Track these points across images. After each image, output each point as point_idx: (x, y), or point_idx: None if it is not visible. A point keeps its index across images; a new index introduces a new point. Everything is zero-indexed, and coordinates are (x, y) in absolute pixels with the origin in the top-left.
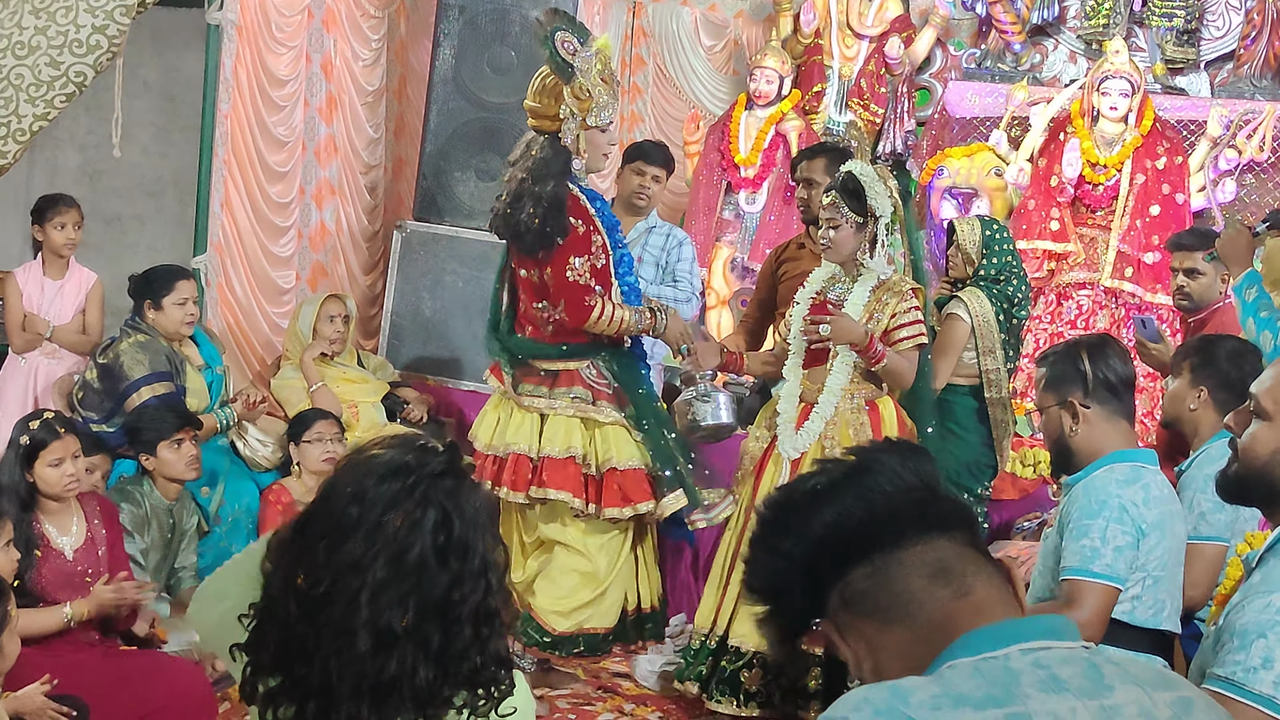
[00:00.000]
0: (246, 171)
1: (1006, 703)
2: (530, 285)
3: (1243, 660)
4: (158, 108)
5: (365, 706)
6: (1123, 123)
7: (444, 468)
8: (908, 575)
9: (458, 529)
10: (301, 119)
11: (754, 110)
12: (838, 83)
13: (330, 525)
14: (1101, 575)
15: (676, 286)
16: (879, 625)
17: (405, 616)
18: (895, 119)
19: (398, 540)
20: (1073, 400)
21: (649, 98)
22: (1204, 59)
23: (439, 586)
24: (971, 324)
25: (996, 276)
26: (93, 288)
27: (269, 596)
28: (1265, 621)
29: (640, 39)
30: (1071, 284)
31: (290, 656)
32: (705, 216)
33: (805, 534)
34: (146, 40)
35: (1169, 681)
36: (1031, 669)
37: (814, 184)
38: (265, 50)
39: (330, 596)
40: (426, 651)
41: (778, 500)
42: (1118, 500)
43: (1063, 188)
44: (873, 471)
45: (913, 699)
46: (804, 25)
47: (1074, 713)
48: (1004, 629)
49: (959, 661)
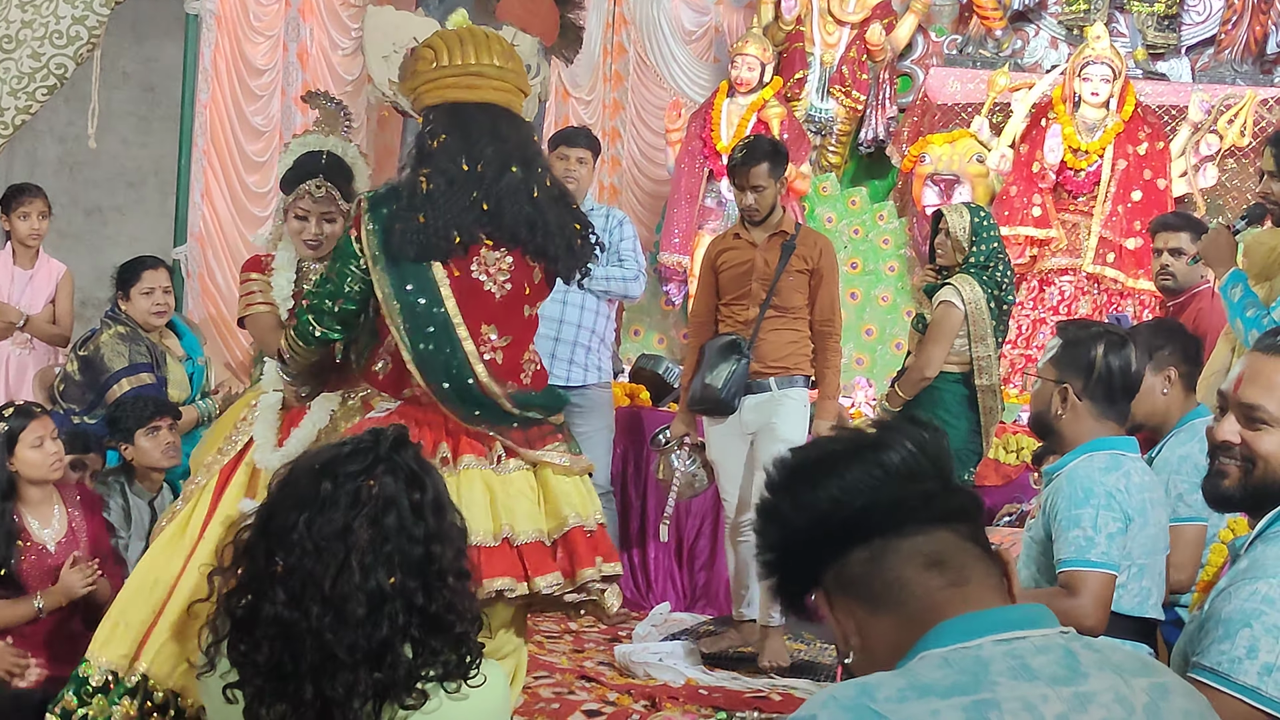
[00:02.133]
0: (225, 162)
1: (973, 690)
2: None
3: (1228, 650)
4: (137, 98)
5: (363, 672)
6: (1104, 108)
7: (401, 438)
8: (903, 564)
9: (429, 487)
10: (279, 109)
11: (736, 97)
12: (819, 69)
13: (307, 501)
14: (1099, 564)
15: (623, 266)
16: (869, 610)
17: (392, 576)
18: (877, 106)
19: (376, 503)
20: (1068, 386)
21: (629, 85)
22: (1185, 44)
23: (419, 545)
24: (965, 311)
25: (985, 263)
26: (62, 279)
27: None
28: (1251, 610)
29: (621, 26)
30: (1054, 270)
31: (282, 647)
32: (687, 204)
33: (809, 506)
34: (126, 30)
35: (1147, 668)
36: (1003, 658)
37: (761, 189)
38: (244, 39)
39: (315, 569)
40: (412, 609)
41: (790, 466)
42: (1103, 487)
43: (1044, 174)
44: (888, 449)
45: (879, 694)
46: (785, 12)
47: (1044, 700)
48: (979, 619)
49: (931, 652)
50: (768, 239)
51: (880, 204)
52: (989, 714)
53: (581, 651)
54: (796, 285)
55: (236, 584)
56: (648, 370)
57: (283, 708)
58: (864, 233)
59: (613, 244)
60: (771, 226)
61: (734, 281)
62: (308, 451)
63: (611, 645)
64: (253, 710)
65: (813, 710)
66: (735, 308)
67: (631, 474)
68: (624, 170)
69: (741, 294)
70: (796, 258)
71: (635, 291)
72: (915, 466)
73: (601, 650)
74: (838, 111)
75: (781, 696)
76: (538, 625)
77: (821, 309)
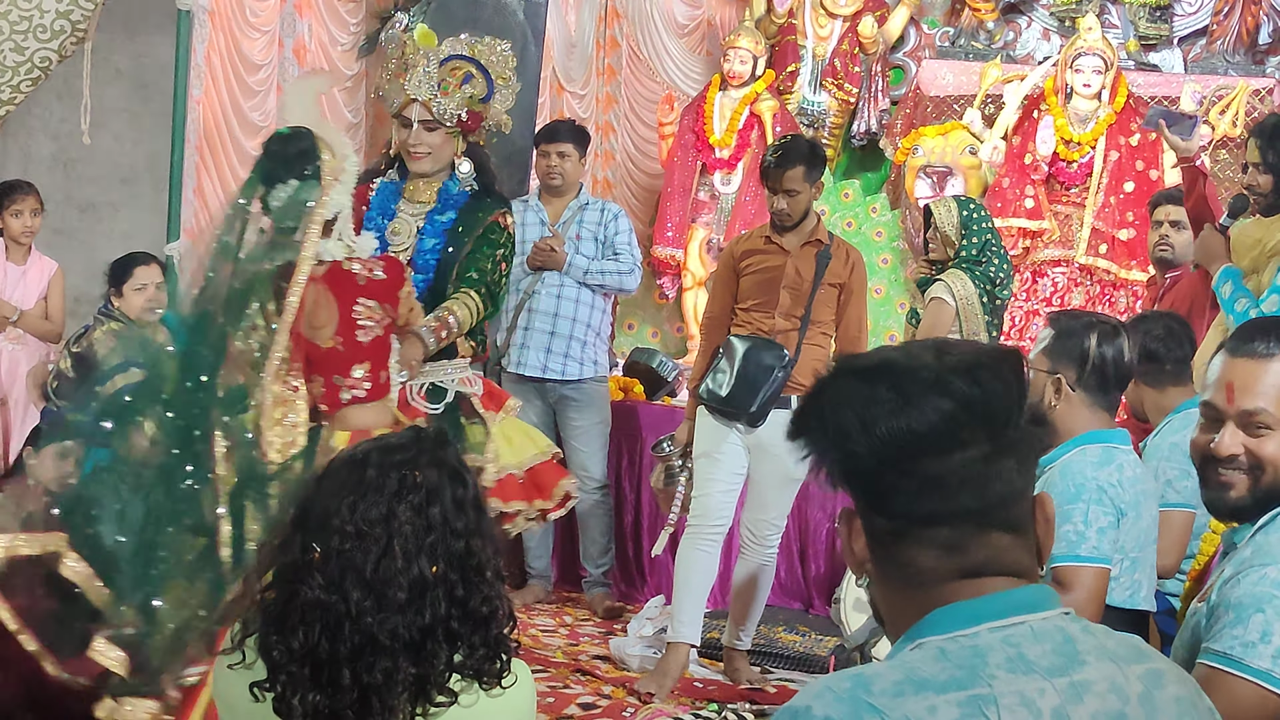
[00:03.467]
0: (220, 158)
1: (970, 685)
2: None
3: (1240, 635)
4: (130, 94)
5: (403, 660)
6: (1096, 100)
7: (441, 437)
8: (922, 549)
9: (471, 484)
10: (275, 104)
11: (728, 91)
12: (812, 62)
13: (349, 487)
14: (1090, 558)
15: (618, 260)
16: (881, 572)
17: (435, 566)
18: (869, 98)
19: (421, 492)
20: (1061, 378)
21: (622, 79)
22: (1177, 35)
23: (460, 538)
24: (956, 306)
25: (978, 257)
26: (55, 275)
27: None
28: (1262, 594)
29: (614, 20)
30: (1047, 261)
31: (320, 632)
32: (680, 198)
33: (850, 438)
34: (118, 26)
35: (1141, 654)
36: (1001, 646)
37: (795, 193)
38: (240, 35)
39: (356, 554)
40: (453, 601)
41: (862, 372)
42: (1095, 482)
43: (1037, 165)
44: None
45: (875, 686)
46: (777, 5)
47: (1041, 693)
48: (976, 605)
49: (928, 640)
50: (801, 247)
51: (873, 197)
52: (986, 709)
53: (576, 645)
54: (826, 299)
55: (271, 580)
56: (642, 364)
57: (317, 698)
58: (857, 225)
59: (608, 238)
60: (805, 234)
61: (758, 287)
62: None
63: (606, 638)
64: (286, 701)
65: (807, 701)
66: (756, 314)
67: (625, 467)
68: (618, 164)
69: (765, 301)
70: (830, 270)
71: (630, 285)
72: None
73: (596, 644)
74: (830, 104)
75: (776, 689)
76: (532, 618)
77: (849, 325)
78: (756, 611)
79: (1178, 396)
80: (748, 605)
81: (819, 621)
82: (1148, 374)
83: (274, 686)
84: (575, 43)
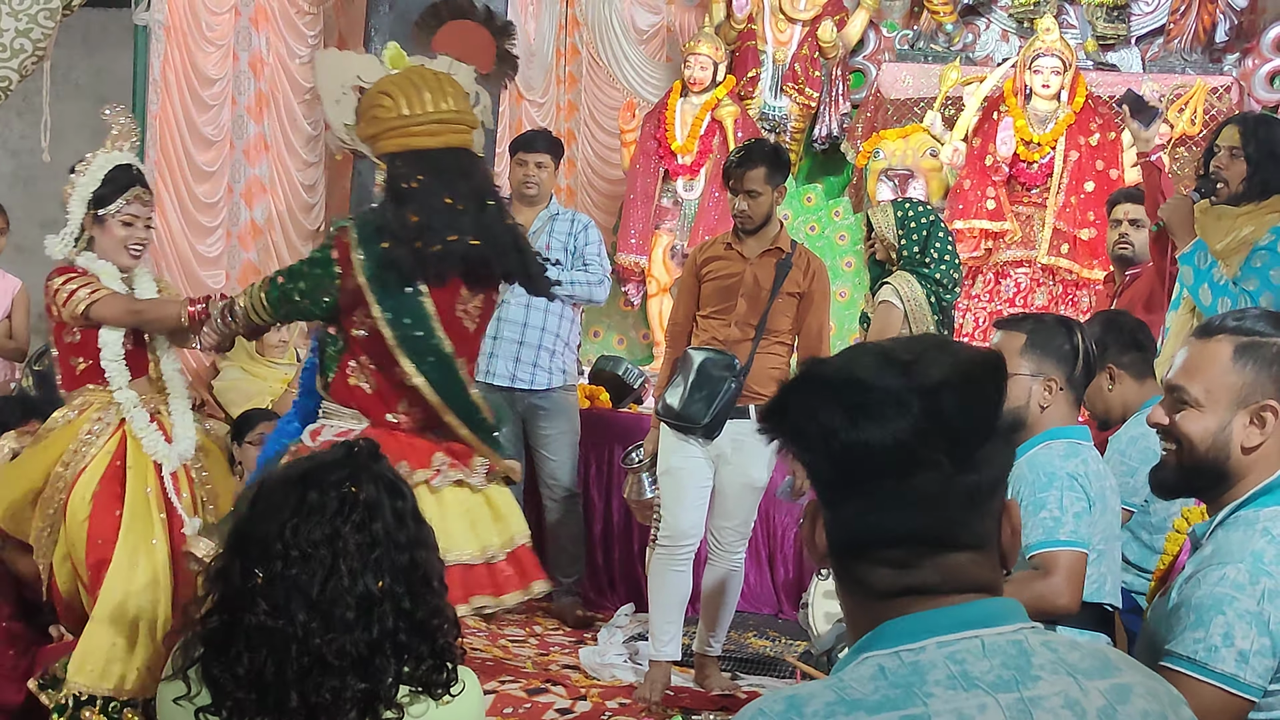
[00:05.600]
0: (175, 172)
1: (905, 704)
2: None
3: (1203, 638)
4: (90, 110)
5: (350, 678)
6: (1055, 100)
7: (374, 450)
8: (878, 566)
9: (408, 496)
10: (229, 117)
11: (689, 97)
12: (772, 67)
13: (289, 510)
14: (1069, 542)
15: (588, 270)
16: (838, 578)
17: (380, 581)
18: (830, 102)
19: (363, 509)
20: (1052, 380)
21: (582, 87)
22: (1135, 34)
23: (404, 550)
24: (904, 309)
25: (922, 259)
26: (18, 293)
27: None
28: (1221, 595)
29: (574, 28)
30: (1009, 262)
31: (265, 657)
32: (643, 204)
33: (811, 447)
34: (77, 42)
35: (1106, 667)
36: (944, 663)
37: (756, 194)
38: (195, 50)
39: (302, 576)
40: (400, 614)
41: (827, 381)
42: (1064, 471)
43: (998, 166)
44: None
45: (807, 708)
46: (736, 11)
47: (983, 709)
48: (928, 619)
49: (872, 655)
50: (760, 255)
51: (836, 200)
52: None
53: (546, 655)
54: (784, 308)
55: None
56: (607, 371)
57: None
58: (820, 229)
59: (578, 249)
60: (766, 241)
61: (717, 294)
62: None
63: (576, 648)
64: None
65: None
66: (714, 322)
67: (594, 476)
68: (578, 172)
69: (723, 308)
70: (789, 279)
71: (600, 296)
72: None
73: (566, 653)
74: (791, 109)
75: (747, 695)
76: (502, 629)
77: (809, 335)
78: (727, 617)
79: (1152, 389)
80: (717, 611)
81: (788, 626)
82: (1133, 365)
83: (219, 711)
84: (535, 51)
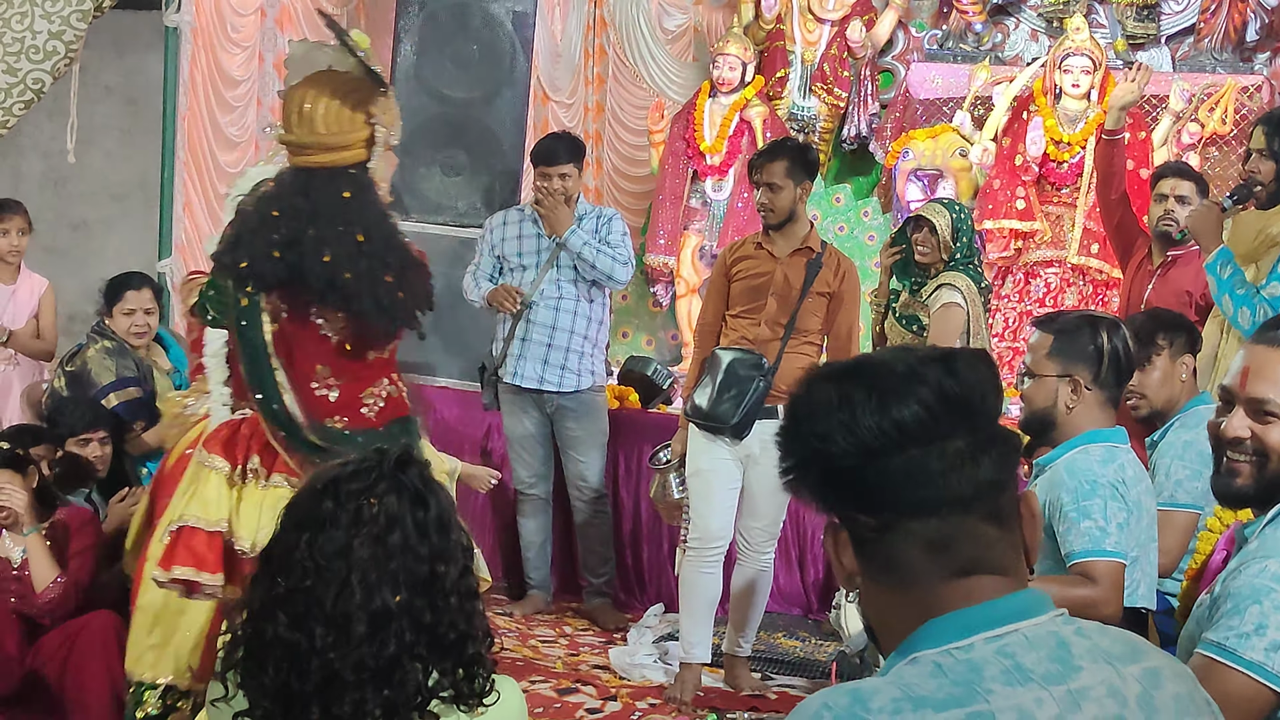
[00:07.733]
0: (204, 173)
1: (969, 702)
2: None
3: (1236, 625)
4: (120, 111)
5: (369, 691)
6: (1085, 100)
7: (407, 457)
8: (906, 545)
9: (433, 505)
10: (254, 119)
11: (718, 97)
12: (800, 68)
13: (309, 521)
14: (1113, 553)
15: (613, 250)
16: (871, 576)
17: (397, 595)
18: (859, 102)
19: (379, 521)
20: (1079, 379)
21: (609, 88)
22: (1165, 33)
23: (424, 563)
24: (969, 310)
25: (969, 258)
26: (45, 293)
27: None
28: (1261, 587)
29: (601, 29)
30: (1039, 262)
31: (289, 669)
32: (672, 205)
33: (828, 436)
34: (107, 44)
35: (1137, 652)
36: (996, 659)
37: (776, 187)
38: (220, 51)
39: (317, 588)
40: (419, 628)
41: (837, 376)
42: (1106, 479)
43: (1027, 166)
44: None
45: (873, 704)
46: (765, 11)
47: (1040, 704)
48: (969, 615)
49: (923, 654)
50: (791, 254)
51: (865, 201)
52: None
53: (576, 655)
54: (814, 308)
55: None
56: (636, 372)
57: None
58: (849, 230)
59: (603, 238)
60: (796, 240)
61: (747, 293)
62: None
63: (606, 648)
64: None
65: (805, 718)
66: (744, 321)
67: (623, 476)
68: (605, 173)
69: (753, 307)
70: (819, 279)
71: (621, 277)
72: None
73: (596, 654)
74: (820, 109)
75: (777, 695)
76: (532, 629)
77: (839, 334)
78: (756, 618)
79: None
80: (747, 612)
81: (819, 627)
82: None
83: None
84: (562, 52)
